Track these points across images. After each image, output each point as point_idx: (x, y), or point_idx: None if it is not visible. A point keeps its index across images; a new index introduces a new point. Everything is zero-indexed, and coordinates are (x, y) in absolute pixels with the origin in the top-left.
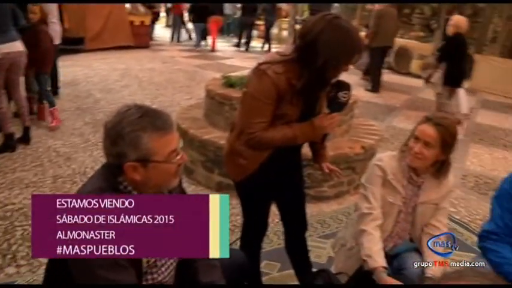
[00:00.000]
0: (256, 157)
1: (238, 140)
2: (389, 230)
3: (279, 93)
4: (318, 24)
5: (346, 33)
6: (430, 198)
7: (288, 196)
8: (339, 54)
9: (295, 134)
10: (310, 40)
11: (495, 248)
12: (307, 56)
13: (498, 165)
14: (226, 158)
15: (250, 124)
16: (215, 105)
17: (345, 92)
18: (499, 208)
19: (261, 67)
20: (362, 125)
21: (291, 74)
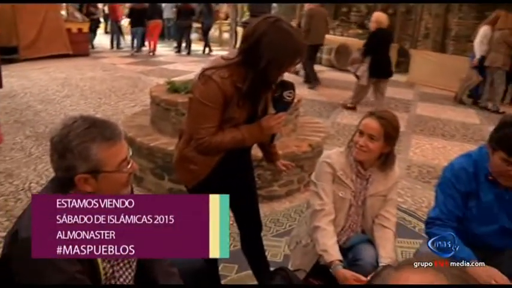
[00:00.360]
0: (207, 162)
1: (187, 146)
2: (342, 224)
3: (225, 98)
4: (260, 27)
5: (288, 35)
6: (378, 190)
7: (241, 198)
8: (281, 55)
9: (244, 136)
10: (252, 42)
11: (440, 232)
12: (250, 58)
13: (438, 154)
14: (177, 164)
15: (199, 130)
16: (161, 111)
17: (289, 92)
18: (442, 195)
19: (206, 72)
20: (308, 124)
21: (236, 78)
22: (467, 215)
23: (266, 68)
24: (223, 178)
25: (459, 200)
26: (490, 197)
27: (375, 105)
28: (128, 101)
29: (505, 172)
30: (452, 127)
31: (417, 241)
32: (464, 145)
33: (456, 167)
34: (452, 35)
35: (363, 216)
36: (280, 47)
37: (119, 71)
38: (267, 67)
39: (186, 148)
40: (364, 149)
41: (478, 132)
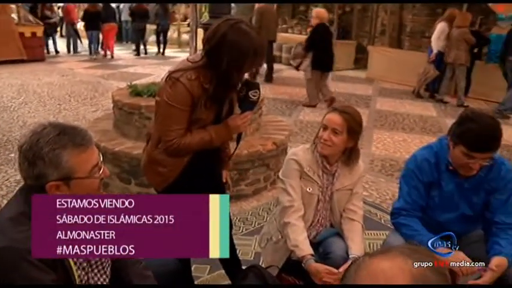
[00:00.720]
0: (176, 164)
1: (156, 149)
2: (311, 219)
3: (193, 99)
4: (220, 29)
5: (247, 37)
6: (344, 184)
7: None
8: (240, 57)
9: (212, 136)
10: (213, 45)
11: (406, 222)
12: (212, 60)
13: (400, 147)
14: (146, 168)
15: (168, 132)
16: (124, 115)
17: (254, 91)
18: (406, 186)
19: (173, 75)
20: (271, 122)
21: (203, 79)
22: (430, 203)
23: (227, 69)
24: (192, 179)
25: (422, 190)
26: (450, 186)
27: (324, 97)
28: (88, 106)
29: (465, 164)
30: (411, 120)
31: (384, 232)
32: (424, 137)
33: (419, 158)
34: (407, 31)
35: (331, 211)
36: (239, 49)
37: (77, 76)
38: (228, 69)
39: (155, 151)
40: (329, 143)
41: (435, 124)
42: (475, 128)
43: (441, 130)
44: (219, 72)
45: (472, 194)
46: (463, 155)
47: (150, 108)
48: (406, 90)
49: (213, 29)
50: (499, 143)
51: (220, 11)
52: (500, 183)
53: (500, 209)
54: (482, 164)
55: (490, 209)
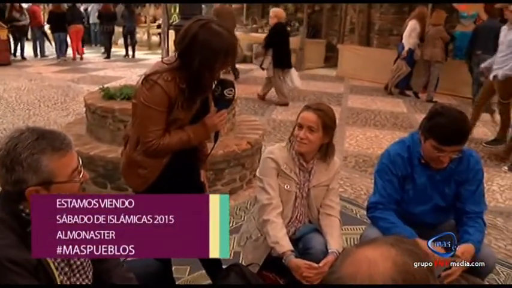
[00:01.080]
0: (156, 165)
1: (135, 151)
2: (290, 216)
3: (170, 100)
4: (191, 30)
5: (218, 36)
6: (320, 181)
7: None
8: (211, 57)
9: (190, 136)
10: (185, 45)
11: (383, 215)
12: (185, 60)
13: (372, 143)
14: (125, 170)
15: (146, 133)
16: (97, 119)
17: (230, 89)
18: (381, 180)
19: (150, 77)
20: (245, 122)
21: (179, 80)
22: (405, 197)
23: (199, 69)
24: (172, 179)
25: (397, 184)
26: (423, 179)
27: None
28: (59, 110)
29: (435, 157)
30: (382, 117)
31: (360, 227)
32: (395, 133)
33: (392, 153)
34: (376, 29)
35: (309, 207)
36: (211, 48)
37: (46, 80)
38: (200, 68)
39: (134, 153)
40: (305, 141)
41: (406, 120)
42: (444, 122)
43: (412, 125)
44: (191, 72)
45: (443, 186)
46: (433, 148)
47: (124, 111)
48: (377, 87)
49: (185, 29)
50: (467, 136)
51: (191, 12)
52: (470, 175)
53: (470, 199)
54: (452, 157)
55: (461, 199)
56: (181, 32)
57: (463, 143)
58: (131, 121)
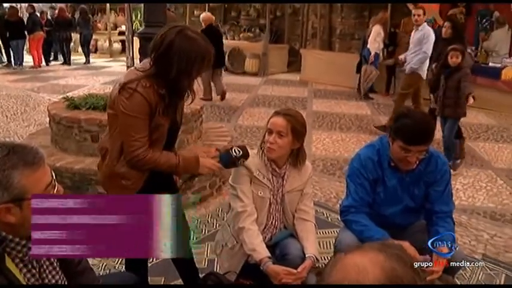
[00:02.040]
0: (139, 175)
1: (118, 162)
2: (264, 222)
3: (151, 107)
4: (167, 36)
5: (194, 43)
6: (294, 186)
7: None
8: (189, 63)
9: (179, 163)
10: (161, 53)
11: (355, 218)
12: (161, 67)
13: (339, 146)
14: (107, 183)
15: (131, 142)
16: (63, 129)
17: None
18: (353, 184)
19: (129, 86)
20: (212, 129)
21: (157, 86)
22: (376, 199)
23: (177, 76)
24: (155, 189)
25: (368, 187)
26: (393, 181)
27: (216, 91)
28: (20, 121)
29: (403, 158)
30: (347, 120)
31: (332, 230)
32: (360, 135)
33: (362, 157)
34: (337, 33)
35: (283, 212)
36: (187, 55)
37: (3, 89)
38: (178, 75)
39: (117, 165)
40: (274, 146)
41: (370, 122)
42: (410, 123)
43: None
44: (169, 79)
45: (413, 187)
46: (400, 149)
47: (90, 121)
48: (340, 90)
49: (160, 36)
50: (432, 136)
51: (156, 20)
52: (438, 176)
53: (439, 200)
54: (419, 157)
55: (430, 200)
56: (156, 38)
57: (428, 142)
58: (107, 132)
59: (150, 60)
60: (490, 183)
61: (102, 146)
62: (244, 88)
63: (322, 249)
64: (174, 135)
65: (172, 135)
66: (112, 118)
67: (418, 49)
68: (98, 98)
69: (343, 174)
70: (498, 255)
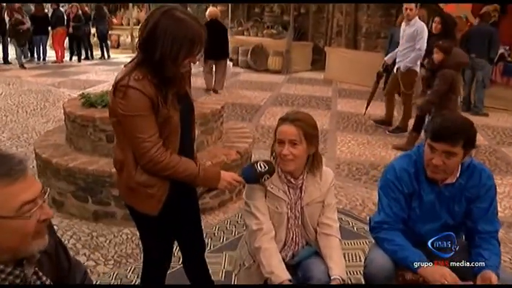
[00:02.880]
0: (163, 181)
1: (136, 172)
2: (283, 239)
3: (151, 100)
4: (152, 18)
5: (182, 23)
6: (313, 197)
7: (187, 215)
8: (174, 44)
9: (199, 174)
10: (146, 36)
11: (388, 236)
12: (146, 52)
13: (364, 149)
14: (133, 198)
15: (141, 145)
16: (77, 128)
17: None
18: (386, 198)
19: (121, 83)
20: (233, 130)
21: (151, 76)
22: (412, 215)
23: (161, 59)
24: (180, 199)
25: (403, 202)
26: (431, 196)
27: (216, 83)
28: (38, 116)
29: (429, 161)
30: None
31: (358, 241)
32: (387, 138)
33: (398, 168)
34: (363, 32)
35: (304, 227)
36: (173, 36)
37: (25, 85)
38: (162, 58)
39: (136, 175)
40: (290, 157)
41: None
42: (439, 120)
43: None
44: (152, 63)
45: (453, 203)
46: (428, 148)
47: (106, 120)
48: (365, 90)
49: (146, 18)
50: (457, 136)
51: None
52: (481, 191)
53: (482, 218)
54: (446, 163)
55: (472, 217)
56: (142, 22)
57: (452, 141)
58: (116, 144)
59: (136, 48)
60: None
61: (116, 160)
62: (267, 86)
63: (347, 262)
64: (189, 131)
65: (187, 130)
66: (117, 127)
67: (410, 45)
68: None
69: (369, 180)
70: None
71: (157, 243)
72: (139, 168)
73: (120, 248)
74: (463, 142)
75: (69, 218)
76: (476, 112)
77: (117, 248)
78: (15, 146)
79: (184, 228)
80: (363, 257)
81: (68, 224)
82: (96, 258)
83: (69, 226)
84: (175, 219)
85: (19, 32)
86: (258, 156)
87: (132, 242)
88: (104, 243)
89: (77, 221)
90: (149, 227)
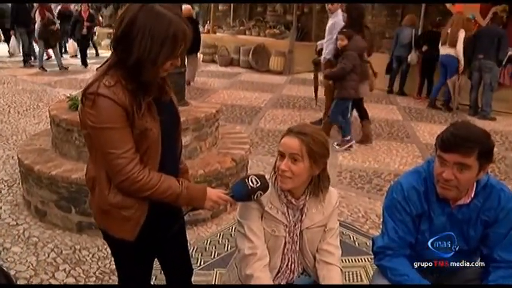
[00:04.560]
0: (141, 201)
1: (109, 191)
2: (278, 266)
3: (125, 109)
4: (128, 13)
5: (163, 19)
6: (315, 221)
7: (169, 236)
8: (154, 44)
9: (182, 192)
10: (121, 33)
11: (392, 265)
12: (121, 52)
13: (368, 155)
14: (106, 220)
15: (114, 162)
16: (62, 133)
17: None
18: (392, 220)
19: (88, 91)
20: (229, 134)
21: (124, 81)
22: (420, 239)
23: (139, 60)
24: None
25: (411, 225)
26: (442, 218)
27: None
28: (30, 117)
29: (438, 175)
30: (377, 125)
31: (359, 258)
32: (392, 143)
33: (406, 187)
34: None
35: (302, 253)
36: (152, 34)
37: (20, 83)
38: (140, 61)
39: (109, 195)
40: (288, 173)
41: (402, 129)
42: (452, 129)
43: (408, 135)
44: (128, 66)
45: (467, 226)
46: (439, 161)
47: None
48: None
49: (121, 14)
50: (473, 144)
51: None
52: (500, 214)
53: (499, 245)
54: (458, 177)
55: (488, 243)
56: (117, 18)
57: (465, 151)
58: (89, 157)
59: (110, 47)
60: None
61: (88, 177)
62: (268, 87)
63: (347, 281)
64: (172, 144)
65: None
66: (88, 140)
67: (329, 38)
68: None
69: (372, 189)
70: None
71: (134, 272)
72: (113, 188)
73: (103, 263)
74: (478, 153)
75: (52, 229)
76: (484, 116)
77: (100, 263)
78: (3, 149)
79: (168, 252)
80: (364, 277)
81: (50, 235)
82: (76, 275)
83: (51, 238)
84: (155, 243)
85: (50, 32)
86: (255, 162)
87: None
88: (87, 257)
89: (59, 232)
90: (125, 254)
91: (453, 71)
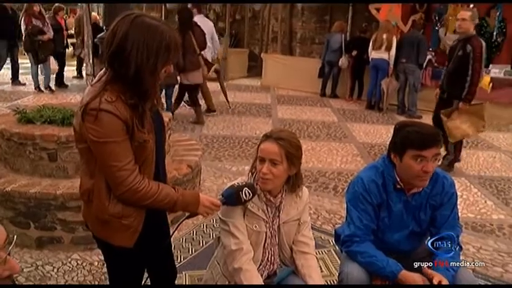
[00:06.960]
0: (139, 210)
1: (109, 203)
2: (260, 259)
3: (126, 123)
4: (120, 28)
5: (154, 30)
6: (291, 215)
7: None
8: (150, 56)
9: (178, 199)
10: (115, 48)
11: (361, 249)
12: (118, 67)
13: (310, 156)
14: (106, 230)
15: (117, 174)
16: (14, 147)
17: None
18: (356, 210)
19: (90, 107)
20: (180, 142)
21: (124, 96)
22: (381, 225)
23: (138, 74)
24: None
25: (372, 213)
26: (399, 205)
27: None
28: None
29: (419, 171)
30: (315, 127)
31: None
32: (331, 144)
33: (365, 180)
34: (298, 38)
35: (279, 246)
36: (148, 47)
37: None
38: (139, 74)
39: (109, 205)
40: (269, 176)
41: (339, 129)
42: (415, 129)
43: (346, 135)
44: (128, 80)
45: (419, 211)
46: (414, 159)
47: (47, 138)
48: (303, 96)
49: (111, 30)
50: (440, 137)
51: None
52: (444, 198)
53: (445, 224)
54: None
55: (435, 224)
56: (107, 33)
57: (440, 144)
58: (84, 171)
59: (105, 63)
60: (466, 192)
61: (84, 190)
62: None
63: None
64: (162, 152)
65: (160, 152)
66: (86, 153)
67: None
68: (55, 111)
69: (319, 187)
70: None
71: (128, 277)
72: (113, 198)
73: (70, 276)
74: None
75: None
76: (410, 115)
77: (67, 277)
78: None
79: (157, 257)
80: (324, 268)
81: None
82: None
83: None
84: (148, 249)
85: (37, 43)
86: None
87: (83, 268)
88: (51, 272)
89: (17, 250)
90: (123, 260)
91: (385, 73)
